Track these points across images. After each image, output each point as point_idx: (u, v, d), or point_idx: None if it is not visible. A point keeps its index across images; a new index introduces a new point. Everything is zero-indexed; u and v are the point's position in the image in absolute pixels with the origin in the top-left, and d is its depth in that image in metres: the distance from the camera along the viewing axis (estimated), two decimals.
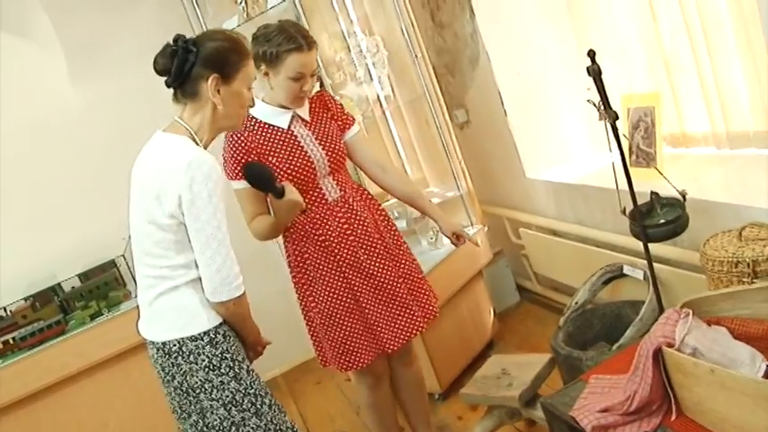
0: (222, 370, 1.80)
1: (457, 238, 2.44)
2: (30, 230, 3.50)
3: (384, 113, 3.14)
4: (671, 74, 2.70)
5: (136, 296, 3.08)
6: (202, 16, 3.06)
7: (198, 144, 1.79)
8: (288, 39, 2.15)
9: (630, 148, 2.65)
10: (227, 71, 1.79)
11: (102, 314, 3.19)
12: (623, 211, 2.16)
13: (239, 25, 2.93)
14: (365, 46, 3.14)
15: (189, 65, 1.77)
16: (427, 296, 2.42)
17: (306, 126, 2.28)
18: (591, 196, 2.92)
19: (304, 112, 2.29)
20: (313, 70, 2.21)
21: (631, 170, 2.36)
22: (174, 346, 1.80)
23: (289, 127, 2.25)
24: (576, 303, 2.64)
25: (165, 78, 1.81)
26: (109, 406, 3.17)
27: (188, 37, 1.80)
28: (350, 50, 3.10)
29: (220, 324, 1.82)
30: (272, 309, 3.08)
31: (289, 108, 2.25)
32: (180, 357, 1.80)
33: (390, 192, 2.45)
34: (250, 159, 2.20)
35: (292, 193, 2.03)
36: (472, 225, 3.23)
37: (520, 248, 3.51)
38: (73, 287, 3.38)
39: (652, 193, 2.21)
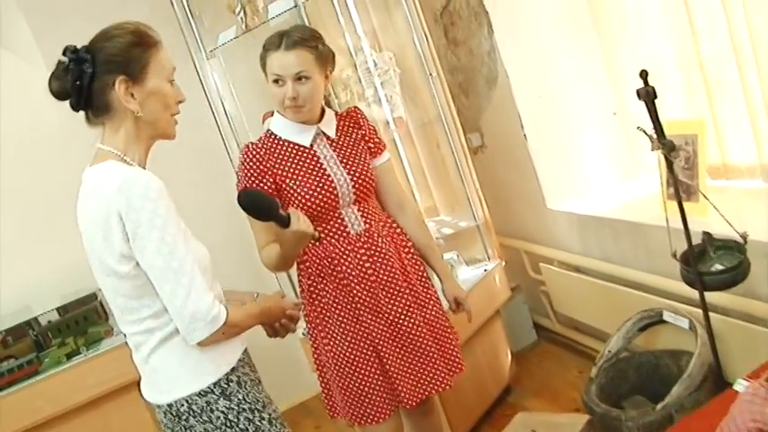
0: (241, 426, 1.55)
1: (456, 305, 2.21)
2: (5, 257, 3.22)
3: (394, 137, 2.87)
4: (712, 98, 2.45)
5: (119, 333, 2.85)
6: (197, 28, 2.79)
7: (130, 164, 1.51)
8: (269, 40, 1.94)
9: (668, 180, 2.40)
10: (132, 69, 1.50)
11: (80, 353, 2.89)
12: (674, 255, 1.89)
13: (237, 37, 2.67)
14: (372, 62, 2.87)
15: (87, 77, 1.48)
16: (452, 347, 2.14)
17: (331, 145, 2.03)
18: (621, 231, 2.65)
19: (330, 128, 2.04)
20: (295, 74, 1.91)
21: (669, 204, 2.11)
22: (183, 405, 1.53)
23: (311, 145, 2.00)
24: (610, 352, 2.36)
25: (68, 103, 1.52)
26: None
27: (79, 46, 1.52)
28: (357, 68, 2.84)
29: (232, 370, 1.56)
30: (265, 340, 2.80)
31: (311, 123, 2.00)
32: (192, 418, 1.54)
33: None
34: (264, 181, 1.97)
35: (299, 221, 1.72)
36: (489, 259, 2.95)
37: (538, 284, 3.23)
38: (49, 321, 3.08)
39: (704, 233, 1.95)
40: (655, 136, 1.78)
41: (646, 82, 1.73)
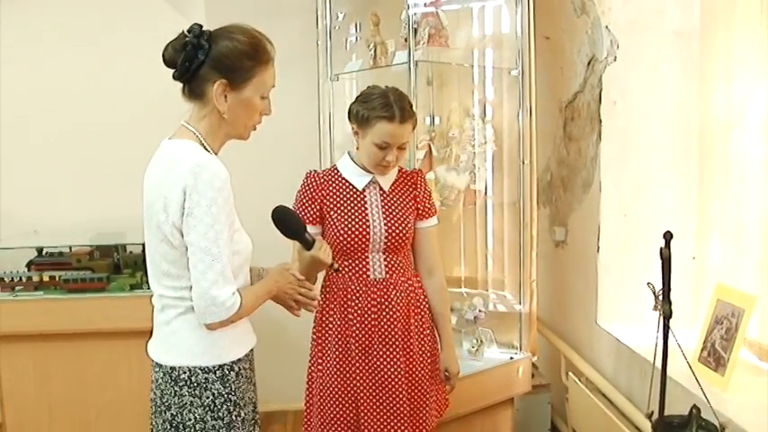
0: (220, 413, 1.68)
1: (446, 377, 2.32)
2: (126, 185, 3.62)
3: (474, 206, 2.98)
4: None
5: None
6: (331, 50, 3.07)
7: (207, 150, 1.66)
8: (383, 105, 2.11)
9: (705, 343, 2.35)
10: (236, 77, 1.63)
11: (142, 288, 3.25)
12: (649, 416, 1.88)
13: (361, 70, 2.91)
14: (476, 130, 3.00)
15: (197, 63, 1.61)
16: (425, 412, 2.24)
17: (381, 195, 2.22)
18: (648, 376, 2.59)
19: (386, 181, 2.24)
20: (401, 143, 2.14)
21: (696, 368, 2.09)
22: (184, 373, 1.66)
23: (363, 189, 2.21)
24: None
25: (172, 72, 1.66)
26: (114, 376, 3.23)
27: (205, 29, 1.64)
28: (462, 131, 2.98)
29: (237, 360, 1.71)
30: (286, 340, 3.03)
31: (370, 172, 2.21)
32: (186, 387, 1.67)
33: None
34: (315, 204, 2.19)
35: (320, 250, 1.92)
36: (520, 349, 2.99)
37: (565, 391, 3.21)
38: (131, 252, 3.49)
39: (693, 407, 1.91)
40: (660, 297, 1.79)
41: (668, 244, 1.75)
